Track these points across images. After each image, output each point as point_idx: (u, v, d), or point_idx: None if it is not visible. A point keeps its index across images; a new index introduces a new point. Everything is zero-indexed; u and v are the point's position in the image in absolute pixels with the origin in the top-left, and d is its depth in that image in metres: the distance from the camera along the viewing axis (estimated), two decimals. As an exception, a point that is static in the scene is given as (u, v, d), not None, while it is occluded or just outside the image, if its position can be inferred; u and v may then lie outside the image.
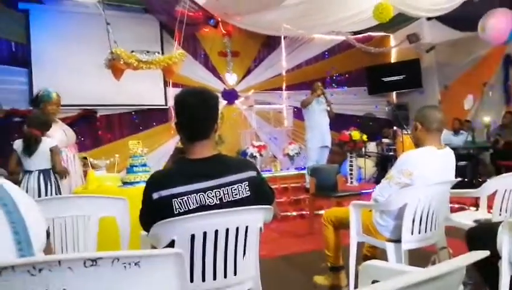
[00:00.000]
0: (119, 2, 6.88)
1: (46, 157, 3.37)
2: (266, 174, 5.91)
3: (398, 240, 2.24)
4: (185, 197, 1.46)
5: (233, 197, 1.53)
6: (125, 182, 3.23)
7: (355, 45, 8.45)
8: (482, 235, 1.90)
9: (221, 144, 6.55)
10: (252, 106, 7.57)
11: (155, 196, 1.48)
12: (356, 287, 2.30)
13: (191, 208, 1.46)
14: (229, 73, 8.10)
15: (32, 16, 6.52)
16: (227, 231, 1.46)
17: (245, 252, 1.53)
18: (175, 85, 7.15)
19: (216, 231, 1.44)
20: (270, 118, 7.88)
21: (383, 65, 9.34)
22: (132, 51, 5.42)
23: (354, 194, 4.30)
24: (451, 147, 2.40)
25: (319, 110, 5.89)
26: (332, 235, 2.67)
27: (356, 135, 6.67)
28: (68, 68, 6.46)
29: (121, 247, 2.00)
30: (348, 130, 6.80)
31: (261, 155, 6.54)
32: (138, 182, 3.13)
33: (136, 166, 3.23)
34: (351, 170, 6.88)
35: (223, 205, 1.49)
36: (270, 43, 8.36)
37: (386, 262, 2.03)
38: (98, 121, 7.08)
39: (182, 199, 1.46)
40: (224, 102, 7.90)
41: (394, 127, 7.80)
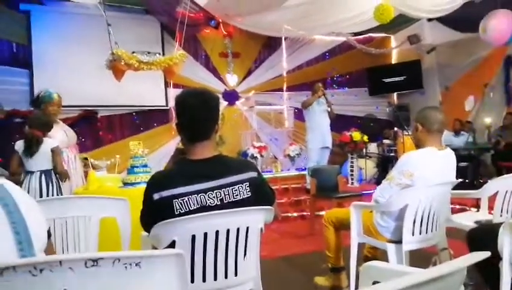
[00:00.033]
0: (120, 3, 6.89)
1: (47, 157, 3.37)
2: (267, 175, 5.91)
3: (398, 241, 2.24)
4: (185, 197, 1.47)
5: (234, 197, 1.53)
6: (125, 183, 3.23)
7: (356, 45, 8.44)
8: (483, 237, 1.90)
9: (222, 144, 6.55)
10: (253, 106, 7.57)
11: (156, 196, 1.48)
12: (357, 288, 2.29)
13: (191, 209, 1.46)
14: (230, 74, 8.10)
15: (33, 17, 6.53)
16: (227, 231, 1.46)
17: (246, 253, 1.53)
18: (176, 86, 7.15)
19: (217, 232, 1.45)
20: (270, 119, 7.88)
21: (383, 66, 9.33)
22: (133, 52, 5.43)
23: (354, 195, 4.31)
24: (452, 148, 2.40)
25: (320, 111, 5.89)
26: (333, 236, 2.67)
27: (357, 135, 6.68)
28: (69, 69, 6.47)
29: (121, 248, 2.00)
30: (349, 131, 6.82)
31: (261, 156, 6.54)
32: (139, 183, 3.13)
33: (136, 167, 3.23)
34: (351, 170, 6.89)
35: (223, 206, 1.49)
36: (270, 44, 8.36)
37: (387, 263, 2.03)
38: (99, 121, 7.09)
39: (182, 199, 1.46)
40: (225, 103, 7.90)
41: (395, 128, 7.79)
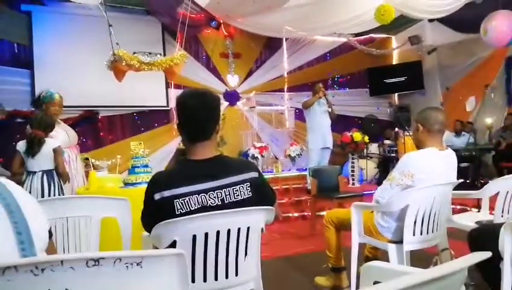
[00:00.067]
0: (121, 4, 6.91)
1: (49, 158, 3.38)
2: (267, 176, 5.91)
3: (399, 241, 2.24)
4: (186, 197, 1.47)
5: (235, 198, 1.53)
6: (126, 183, 3.24)
7: (357, 46, 8.46)
8: (484, 237, 1.90)
9: (223, 145, 6.56)
10: (254, 107, 7.58)
11: (157, 196, 1.48)
12: (358, 288, 2.29)
13: (192, 209, 1.46)
14: (231, 74, 8.12)
15: (34, 18, 6.55)
16: (228, 231, 1.46)
17: (246, 253, 1.53)
18: (177, 86, 7.17)
19: (218, 232, 1.45)
20: (271, 119, 7.89)
21: (384, 67, 9.34)
22: (134, 53, 5.44)
23: (355, 196, 4.30)
24: (453, 149, 2.40)
25: (321, 111, 5.89)
26: (334, 237, 2.67)
27: (358, 136, 6.68)
28: (70, 69, 6.49)
29: (122, 247, 2.00)
30: (350, 131, 6.82)
31: (262, 156, 6.54)
32: (140, 183, 3.14)
33: (137, 167, 3.24)
34: (352, 171, 6.89)
35: (224, 206, 1.50)
36: (271, 45, 8.38)
37: (388, 263, 2.02)
38: (100, 122, 7.10)
39: (183, 199, 1.46)
40: (226, 103, 7.91)
41: (396, 129, 7.80)
